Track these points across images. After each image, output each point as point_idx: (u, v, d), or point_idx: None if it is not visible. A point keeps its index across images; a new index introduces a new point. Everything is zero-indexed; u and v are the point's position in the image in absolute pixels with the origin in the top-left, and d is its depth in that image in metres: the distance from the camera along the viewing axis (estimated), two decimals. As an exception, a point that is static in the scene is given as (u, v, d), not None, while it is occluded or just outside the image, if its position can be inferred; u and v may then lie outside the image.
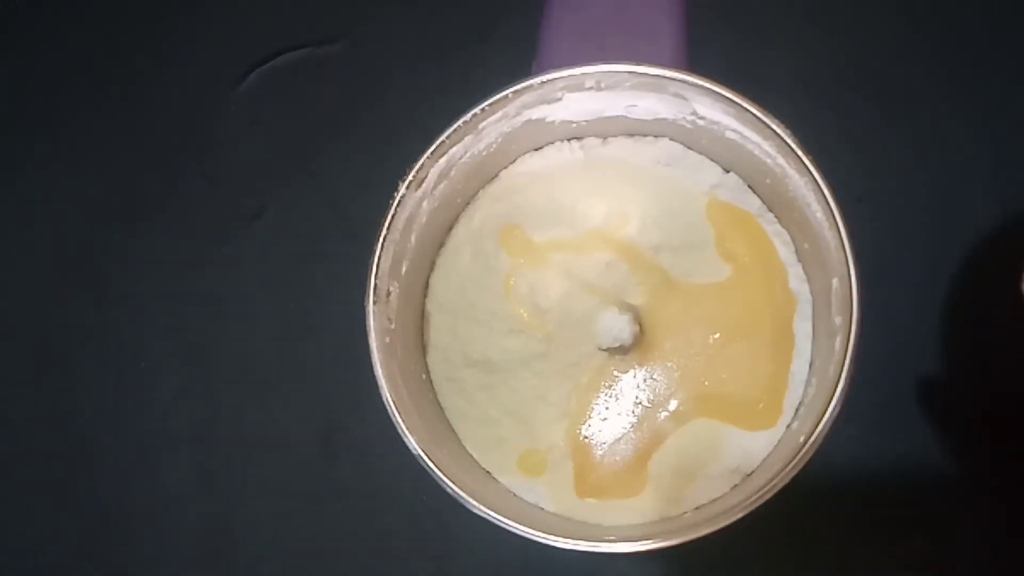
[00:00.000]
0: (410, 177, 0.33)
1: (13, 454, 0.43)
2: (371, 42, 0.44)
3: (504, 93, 0.33)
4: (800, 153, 0.32)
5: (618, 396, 0.36)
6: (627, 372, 0.36)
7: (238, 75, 0.44)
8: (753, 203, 0.37)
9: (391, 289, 0.34)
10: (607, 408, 0.36)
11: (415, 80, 0.43)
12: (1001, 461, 0.39)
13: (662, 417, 0.36)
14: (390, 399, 0.32)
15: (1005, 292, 0.34)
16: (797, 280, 0.36)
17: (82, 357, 0.43)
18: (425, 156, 0.33)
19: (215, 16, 0.45)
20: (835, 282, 0.32)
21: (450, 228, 0.38)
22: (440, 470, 0.31)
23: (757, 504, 0.30)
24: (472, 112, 0.33)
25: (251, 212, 0.44)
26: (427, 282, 0.38)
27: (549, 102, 0.34)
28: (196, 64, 0.45)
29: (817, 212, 0.32)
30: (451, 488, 0.31)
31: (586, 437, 0.36)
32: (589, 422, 0.36)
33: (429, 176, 0.34)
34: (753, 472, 0.35)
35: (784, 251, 0.37)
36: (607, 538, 0.31)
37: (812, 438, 0.30)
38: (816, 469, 0.31)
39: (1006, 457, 0.39)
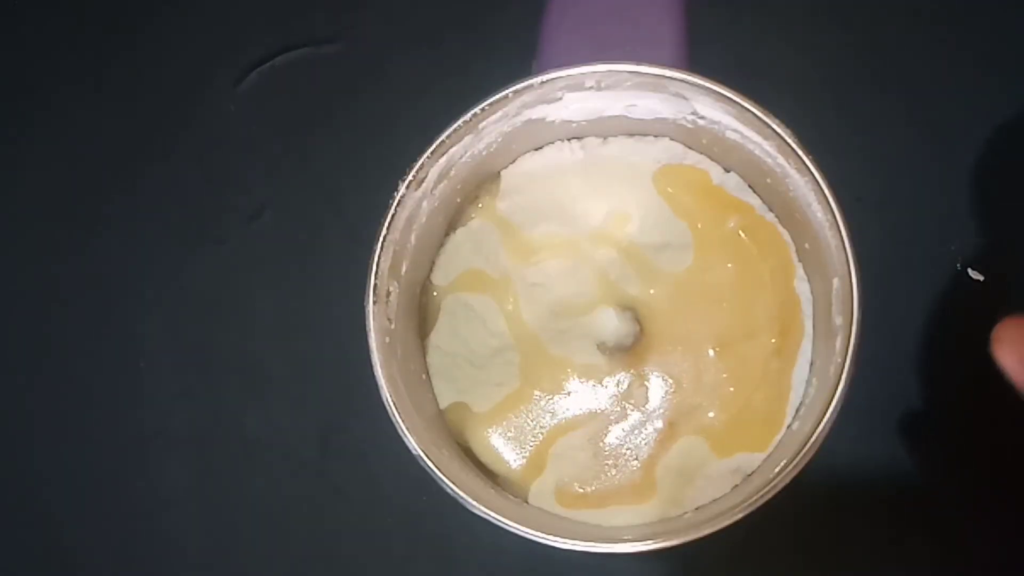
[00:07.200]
0: (410, 177, 0.33)
1: (13, 454, 0.43)
2: (370, 41, 0.44)
3: (504, 93, 0.33)
4: (801, 153, 0.32)
5: (619, 397, 0.36)
6: (627, 372, 0.36)
7: (238, 75, 0.44)
8: (753, 203, 0.37)
9: (391, 289, 0.34)
10: (608, 409, 0.36)
11: (414, 80, 0.43)
12: (1000, 461, 0.39)
13: (664, 421, 0.35)
14: (390, 399, 0.32)
15: (1007, 292, 0.34)
16: (798, 280, 0.36)
17: (82, 357, 0.43)
18: (425, 156, 0.33)
19: (214, 16, 0.45)
20: (836, 282, 0.32)
21: (450, 228, 0.38)
22: (440, 470, 0.31)
23: (757, 504, 0.30)
24: (472, 112, 0.33)
25: (250, 212, 0.43)
26: (427, 282, 0.38)
27: (549, 102, 0.34)
28: (196, 64, 0.45)
29: (818, 212, 0.32)
30: (451, 488, 0.31)
31: (587, 439, 0.36)
32: (590, 424, 0.36)
33: (429, 176, 0.34)
34: (753, 472, 0.35)
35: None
36: (607, 538, 0.31)
37: (812, 438, 0.30)
38: (816, 469, 0.30)
39: (1005, 457, 0.39)
